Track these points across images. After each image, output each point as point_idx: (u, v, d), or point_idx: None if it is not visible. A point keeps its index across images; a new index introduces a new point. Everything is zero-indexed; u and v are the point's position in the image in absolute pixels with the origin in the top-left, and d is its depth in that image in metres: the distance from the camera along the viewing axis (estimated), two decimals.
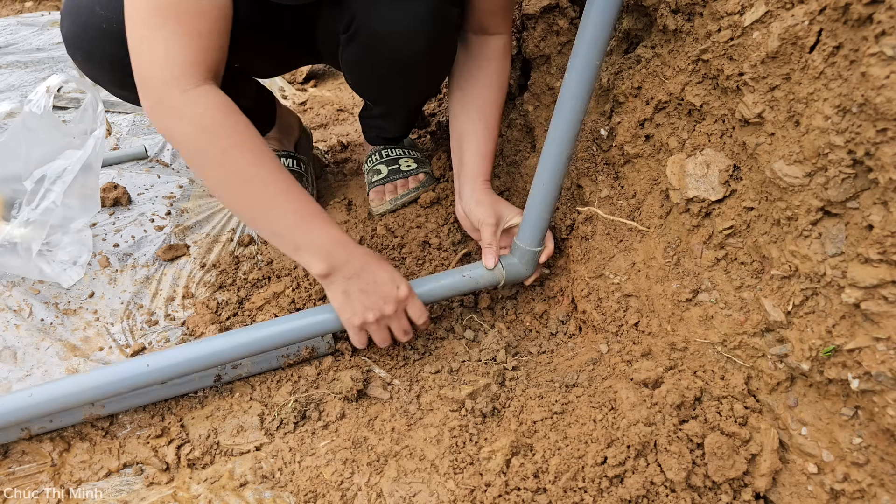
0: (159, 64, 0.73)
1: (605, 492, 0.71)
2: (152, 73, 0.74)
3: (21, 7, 3.24)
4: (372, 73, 1.01)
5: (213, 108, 0.76)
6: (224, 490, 0.82)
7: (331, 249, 0.85)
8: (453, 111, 1.07)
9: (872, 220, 0.58)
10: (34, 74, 2.09)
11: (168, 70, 0.73)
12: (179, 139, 0.77)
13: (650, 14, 0.92)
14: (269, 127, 1.33)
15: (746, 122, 0.73)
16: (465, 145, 1.04)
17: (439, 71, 1.06)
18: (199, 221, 1.32)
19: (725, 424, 0.71)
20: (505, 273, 0.99)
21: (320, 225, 0.85)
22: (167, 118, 0.76)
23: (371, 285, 0.87)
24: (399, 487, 0.77)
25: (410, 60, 0.96)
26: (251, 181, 0.79)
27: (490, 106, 1.03)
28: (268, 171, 0.80)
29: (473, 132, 1.03)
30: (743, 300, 0.75)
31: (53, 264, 1.13)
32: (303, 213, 0.83)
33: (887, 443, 0.60)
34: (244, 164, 0.78)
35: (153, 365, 0.83)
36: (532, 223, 0.96)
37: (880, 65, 0.54)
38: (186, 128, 0.75)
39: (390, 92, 1.10)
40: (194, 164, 0.81)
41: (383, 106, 1.22)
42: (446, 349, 1.03)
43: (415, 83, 1.07)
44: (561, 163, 0.89)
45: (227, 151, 0.77)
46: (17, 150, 1.15)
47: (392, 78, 1.01)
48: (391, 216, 1.24)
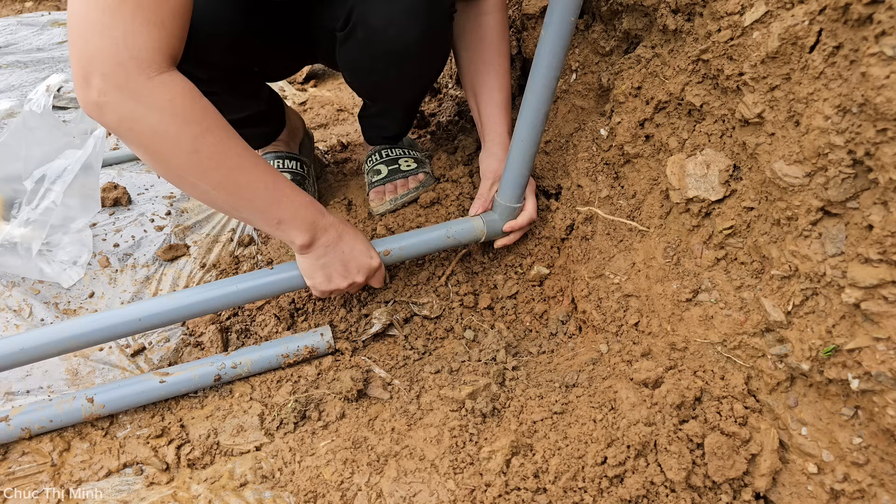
0: (117, 49, 0.67)
1: (605, 492, 0.71)
2: (107, 60, 0.67)
3: (21, 7, 3.24)
4: (370, 67, 1.02)
5: (181, 94, 0.72)
6: (224, 490, 0.82)
7: (313, 219, 0.86)
8: (463, 69, 1.11)
9: (872, 220, 0.58)
10: (34, 74, 2.09)
11: (128, 56, 0.67)
12: (142, 129, 0.71)
13: (650, 14, 0.92)
14: (279, 130, 1.35)
15: (746, 122, 0.73)
16: (480, 98, 1.09)
17: (435, 62, 1.08)
18: (199, 221, 1.32)
19: (725, 424, 0.71)
20: (486, 228, 1.03)
21: (297, 197, 0.85)
22: (127, 107, 0.69)
23: (348, 254, 0.91)
24: (399, 487, 0.77)
25: (407, 52, 0.97)
26: (227, 163, 0.77)
27: (498, 56, 1.07)
28: (241, 150, 0.79)
29: (486, 84, 1.07)
30: (743, 300, 0.75)
31: (53, 264, 1.13)
32: (280, 187, 0.83)
33: (887, 443, 0.60)
34: (221, 147, 0.76)
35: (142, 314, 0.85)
36: (511, 179, 1.00)
37: (880, 65, 0.54)
38: (153, 115, 0.70)
39: (388, 87, 1.11)
40: (159, 155, 0.73)
41: (382, 103, 1.22)
42: (446, 349, 1.03)
43: (412, 76, 1.08)
44: (538, 119, 0.93)
45: (200, 137, 0.74)
46: (18, 150, 1.15)
47: (389, 71, 1.02)
48: (391, 216, 1.24)
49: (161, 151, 0.73)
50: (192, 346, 1.03)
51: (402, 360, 1.00)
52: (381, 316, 1.05)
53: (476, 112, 1.12)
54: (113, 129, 0.72)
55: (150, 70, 0.70)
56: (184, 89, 0.73)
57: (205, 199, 0.80)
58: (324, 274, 0.90)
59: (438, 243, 1.01)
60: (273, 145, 1.35)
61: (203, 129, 0.74)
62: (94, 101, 0.69)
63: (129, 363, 1.01)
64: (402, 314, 1.08)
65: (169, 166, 0.75)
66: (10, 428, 0.84)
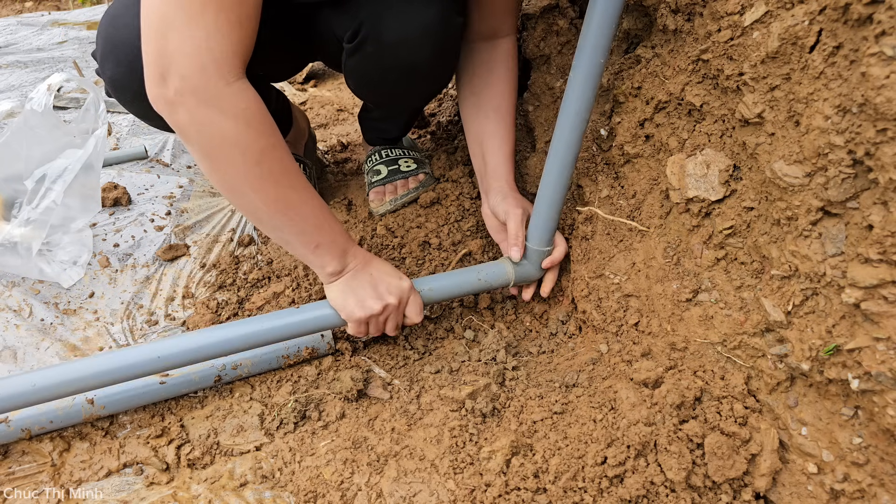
0: (199, 51, 0.66)
1: (605, 492, 0.71)
2: (187, 61, 0.66)
3: (21, 7, 3.24)
4: (379, 80, 1.01)
5: (254, 103, 0.72)
6: (224, 490, 0.82)
7: (345, 247, 0.87)
8: (469, 115, 1.08)
9: (872, 220, 0.58)
10: (34, 74, 2.10)
11: (210, 59, 0.67)
12: (213, 134, 0.70)
13: (650, 14, 0.92)
14: (286, 131, 1.35)
15: (746, 122, 0.73)
16: (486, 146, 1.06)
17: (444, 75, 1.07)
18: (199, 221, 1.32)
19: (725, 424, 0.71)
20: (514, 274, 1.00)
21: (336, 224, 0.87)
22: (202, 110, 0.69)
23: (377, 276, 0.89)
24: (399, 487, 0.77)
25: (417, 67, 0.96)
26: (284, 180, 0.77)
27: (507, 107, 1.05)
28: (296, 170, 0.80)
29: (494, 133, 1.04)
30: (743, 300, 0.75)
31: (53, 264, 1.13)
32: (324, 213, 0.84)
33: (887, 443, 0.60)
34: (282, 164, 0.76)
35: (162, 354, 0.81)
36: (541, 223, 0.97)
37: (880, 65, 0.54)
38: (227, 122, 0.70)
39: (394, 97, 1.10)
40: (223, 161, 0.73)
41: (385, 109, 1.22)
42: (446, 349, 1.03)
43: (420, 88, 1.07)
44: (567, 162, 0.91)
45: (266, 150, 0.74)
46: (18, 150, 1.15)
47: (398, 84, 1.01)
48: (391, 216, 1.24)
49: (226, 158, 0.73)
50: None
51: (402, 360, 1.00)
52: None
53: (479, 159, 1.07)
54: (180, 129, 0.71)
55: (230, 75, 0.69)
56: (257, 99, 0.73)
57: (250, 212, 0.79)
58: (355, 298, 0.87)
59: (469, 287, 0.98)
60: None
61: (270, 143, 0.75)
62: (168, 99, 0.68)
63: None
64: None
65: (228, 174, 0.74)
66: (9, 429, 0.84)
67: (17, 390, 0.77)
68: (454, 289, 0.97)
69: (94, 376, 0.79)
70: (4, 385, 0.77)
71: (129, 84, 0.89)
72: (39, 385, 0.77)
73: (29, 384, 0.77)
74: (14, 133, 1.15)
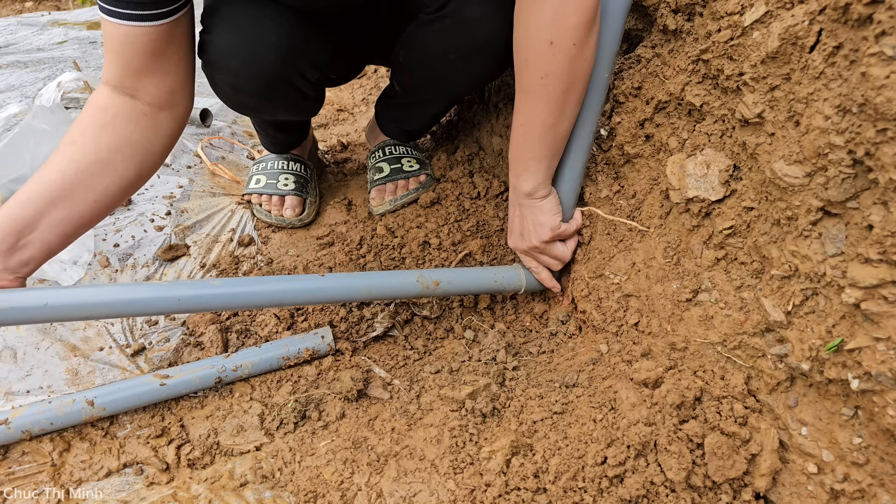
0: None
1: (605, 492, 0.71)
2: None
3: (21, 7, 3.25)
4: (441, 55, 1.01)
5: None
6: (224, 490, 0.82)
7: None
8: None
9: (872, 220, 0.58)
10: (34, 74, 2.09)
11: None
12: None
13: (650, 14, 0.92)
14: (303, 139, 1.39)
15: (746, 122, 0.73)
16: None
17: (501, 66, 1.06)
18: (199, 221, 1.32)
19: (725, 424, 0.71)
20: (525, 281, 1.03)
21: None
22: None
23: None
24: (399, 487, 0.77)
25: (484, 48, 0.97)
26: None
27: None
28: None
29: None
30: (743, 300, 0.75)
31: (53, 264, 1.13)
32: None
33: (887, 443, 0.60)
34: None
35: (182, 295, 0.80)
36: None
37: (880, 65, 0.54)
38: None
39: (444, 80, 1.09)
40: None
41: (422, 93, 1.21)
42: (446, 349, 1.03)
43: (476, 72, 1.06)
44: (575, 175, 0.95)
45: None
46: (24, 151, 1.15)
47: (457, 64, 1.01)
48: (391, 216, 1.24)
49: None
50: (193, 346, 1.03)
51: (402, 360, 1.00)
52: (384, 320, 1.05)
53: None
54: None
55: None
56: None
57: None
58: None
59: (486, 286, 1.02)
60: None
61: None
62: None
63: (130, 363, 1.01)
64: (403, 315, 1.08)
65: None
66: (10, 431, 0.84)
67: (29, 304, 0.74)
68: (471, 284, 1.00)
69: (107, 304, 0.76)
70: (16, 298, 0.74)
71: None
72: (52, 303, 0.74)
73: (41, 301, 0.74)
74: (21, 133, 1.15)
